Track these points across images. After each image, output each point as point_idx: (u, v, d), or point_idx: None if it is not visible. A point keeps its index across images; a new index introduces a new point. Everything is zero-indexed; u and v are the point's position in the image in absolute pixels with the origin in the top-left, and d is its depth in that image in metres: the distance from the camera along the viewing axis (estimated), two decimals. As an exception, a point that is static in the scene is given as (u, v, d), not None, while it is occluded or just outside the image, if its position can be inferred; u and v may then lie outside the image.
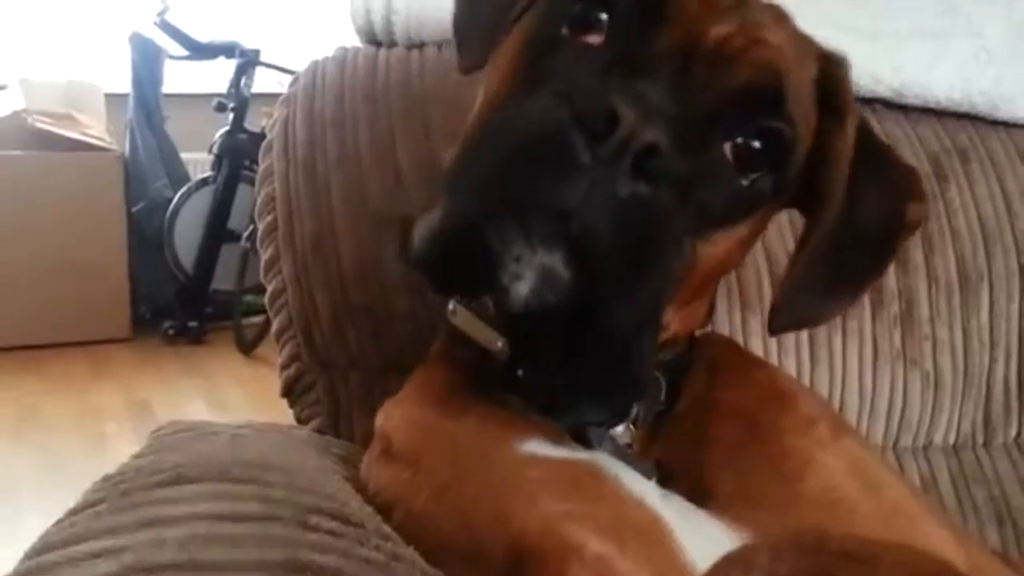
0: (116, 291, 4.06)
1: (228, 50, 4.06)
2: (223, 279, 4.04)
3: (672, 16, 0.46)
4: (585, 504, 0.44)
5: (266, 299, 0.77)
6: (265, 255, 0.78)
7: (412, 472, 0.48)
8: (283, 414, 0.84)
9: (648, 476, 0.49)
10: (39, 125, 4.00)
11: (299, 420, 0.76)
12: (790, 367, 0.78)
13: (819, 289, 0.55)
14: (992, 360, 0.81)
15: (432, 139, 0.76)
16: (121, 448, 2.84)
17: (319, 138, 0.79)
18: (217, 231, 4.04)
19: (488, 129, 0.44)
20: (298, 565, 0.35)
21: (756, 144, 0.49)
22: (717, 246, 0.51)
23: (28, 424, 3.04)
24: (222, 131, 4.07)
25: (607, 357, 0.44)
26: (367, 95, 0.80)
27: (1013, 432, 0.82)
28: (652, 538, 0.44)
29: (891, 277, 0.79)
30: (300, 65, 3.22)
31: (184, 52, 4.08)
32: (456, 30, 0.54)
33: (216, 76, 4.42)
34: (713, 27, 0.47)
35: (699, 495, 0.48)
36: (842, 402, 0.80)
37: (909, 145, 0.83)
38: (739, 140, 0.48)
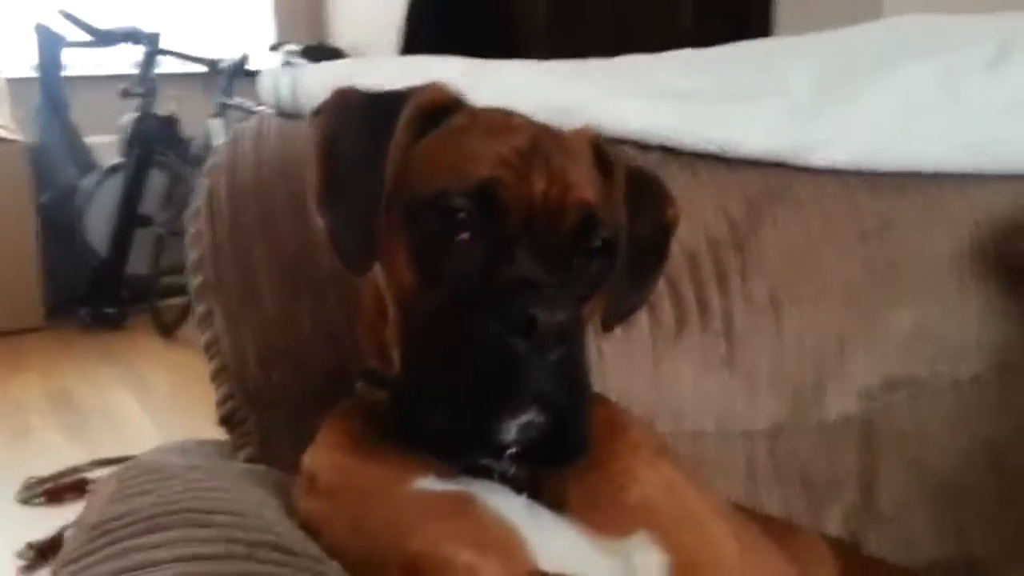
0: (27, 280, 4.07)
1: (130, 36, 4.05)
2: (137, 264, 4.08)
3: (504, 200, 0.63)
4: (458, 525, 0.60)
5: (202, 346, 0.92)
6: (199, 308, 0.92)
7: (332, 505, 0.64)
8: (205, 398, 0.97)
9: (519, 493, 0.66)
10: (-63, 116, 3.95)
11: (235, 446, 0.91)
12: (638, 375, 0.96)
13: (628, 288, 0.75)
14: (799, 362, 1.01)
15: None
16: (46, 440, 2.90)
17: (241, 205, 0.93)
18: (129, 216, 4.07)
19: (452, 348, 0.60)
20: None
21: (592, 247, 0.67)
22: (589, 311, 0.70)
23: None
24: (130, 117, 4.09)
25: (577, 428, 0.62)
26: (281, 164, 0.94)
27: (818, 416, 1.02)
28: (509, 546, 0.61)
29: (715, 298, 0.98)
30: (201, 50, 3.29)
31: (88, 38, 4.05)
32: (336, 247, 0.68)
33: (118, 58, 4.42)
34: (534, 187, 0.64)
35: (557, 504, 0.66)
36: (680, 401, 0.99)
37: (729, 188, 1.02)
38: (582, 252, 0.66)
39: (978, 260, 1.06)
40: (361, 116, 0.68)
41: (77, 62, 4.40)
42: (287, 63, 4.06)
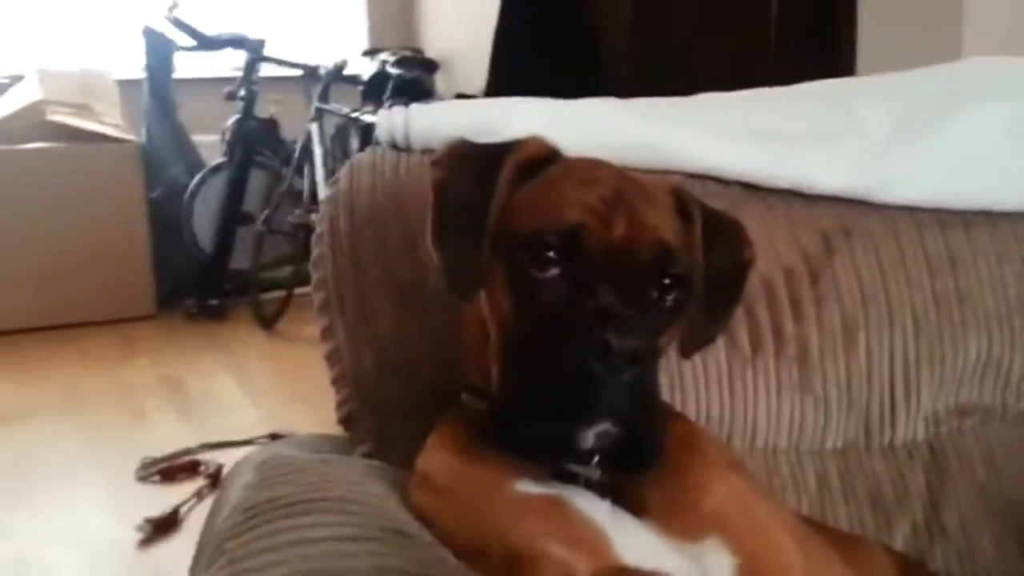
0: (140, 272, 4.36)
1: (235, 42, 4.27)
2: (240, 259, 4.30)
3: (589, 242, 0.73)
4: (552, 523, 0.70)
5: (324, 356, 1.04)
6: (322, 323, 1.04)
7: (443, 501, 0.75)
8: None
9: (603, 498, 0.76)
10: (58, 118, 4.22)
11: (352, 442, 1.03)
12: (714, 395, 1.05)
13: (705, 321, 0.83)
14: (869, 388, 1.08)
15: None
16: (160, 421, 3.12)
17: (359, 232, 1.04)
18: (232, 214, 4.29)
19: (542, 366, 0.70)
20: (393, 568, 0.62)
21: (667, 280, 0.76)
22: (667, 340, 0.79)
23: (72, 400, 3.32)
24: (233, 119, 4.31)
25: (649, 439, 0.72)
26: (395, 196, 1.05)
27: (888, 439, 1.09)
28: (596, 543, 0.71)
29: (789, 325, 1.06)
30: (300, 55, 3.48)
31: (193, 44, 4.29)
32: (449, 278, 0.78)
33: (224, 61, 4.67)
34: (615, 230, 0.73)
35: (638, 510, 0.75)
36: (755, 420, 1.07)
37: (804, 222, 1.09)
38: (658, 284, 0.75)
39: (1046, 294, 1.11)
40: (471, 166, 0.79)
41: (185, 65, 4.65)
42: (381, 72, 4.22)
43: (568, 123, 1.08)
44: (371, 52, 4.67)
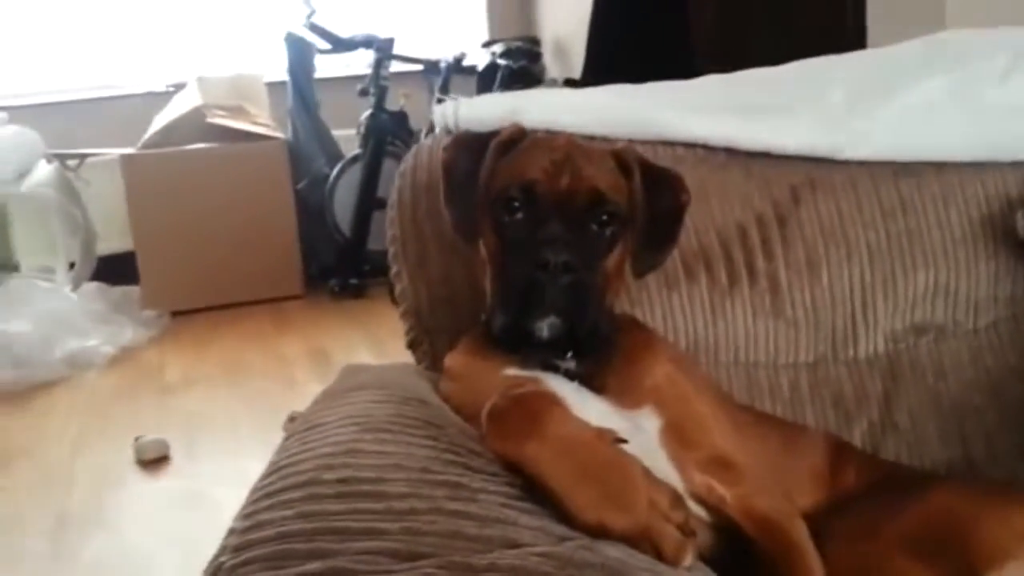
0: (289, 256, 4.82)
1: (366, 43, 4.69)
2: (377, 241, 4.70)
3: (541, 192, 1.00)
4: (526, 388, 0.99)
5: (396, 295, 1.36)
6: (393, 269, 1.37)
7: (456, 385, 1.05)
8: None
9: (572, 380, 1.04)
10: (216, 120, 4.76)
11: (417, 360, 1.35)
12: (700, 321, 1.30)
13: (651, 251, 1.08)
14: (832, 312, 1.31)
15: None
16: (308, 391, 3.53)
17: (418, 199, 1.35)
18: (368, 200, 4.68)
19: (508, 278, 0.99)
20: (407, 414, 0.92)
21: (604, 217, 1.03)
22: (611, 261, 1.05)
23: (235, 371, 3.81)
24: (367, 113, 4.74)
25: (587, 330, 0.99)
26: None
27: (851, 353, 1.32)
28: (562, 403, 0.98)
29: (761, 262, 1.30)
30: (427, 51, 3.86)
31: (329, 46, 4.74)
32: (454, 228, 1.10)
33: (359, 60, 5.10)
34: (561, 180, 1.00)
35: (599, 389, 1.02)
36: (736, 341, 1.31)
37: (775, 178, 1.33)
38: (596, 220, 1.02)
39: (988, 232, 1.31)
40: (467, 149, 1.09)
41: (324, 65, 5.11)
42: (492, 63, 4.54)
43: (578, 108, 1.36)
44: (489, 43, 5.00)
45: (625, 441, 0.84)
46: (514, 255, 1.00)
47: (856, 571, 0.95)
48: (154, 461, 2.93)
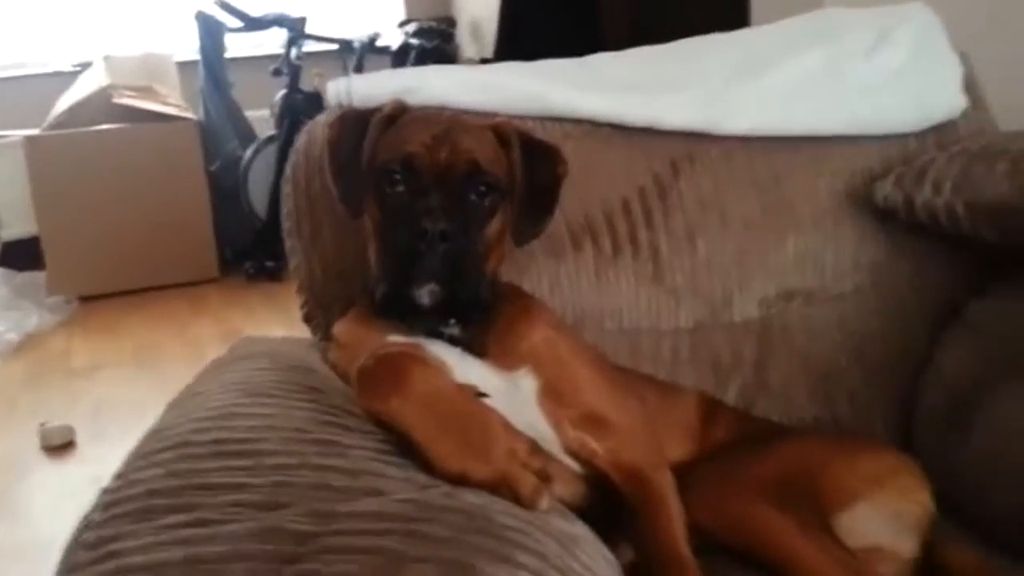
0: (203, 239, 4.76)
1: (278, 21, 4.63)
2: (292, 223, 4.67)
3: (420, 165, 1.04)
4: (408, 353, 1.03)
5: (291, 269, 1.38)
6: (288, 244, 1.39)
7: (342, 352, 1.08)
8: None
9: (455, 346, 1.08)
10: (124, 100, 4.65)
11: (312, 332, 1.37)
12: (586, 289, 1.35)
13: (531, 219, 1.11)
14: (710, 278, 1.37)
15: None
16: (221, 370, 3.54)
17: (311, 176, 1.37)
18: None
19: (390, 248, 1.01)
20: (291, 380, 0.96)
21: (482, 188, 1.07)
22: (490, 231, 1.09)
23: (146, 355, 3.76)
24: (281, 94, 4.69)
25: (467, 296, 1.03)
26: (337, 147, 1.39)
27: (728, 318, 1.39)
28: (440, 367, 1.02)
29: (643, 232, 1.36)
30: (340, 31, 3.84)
31: (240, 25, 4.67)
32: (341, 202, 1.12)
33: (272, 39, 5.04)
34: (439, 154, 1.04)
35: (481, 354, 1.06)
36: (621, 308, 1.37)
37: (656, 152, 1.39)
38: (475, 190, 1.06)
39: (854, 201, 1.39)
40: (352, 124, 1.12)
41: (236, 45, 5.04)
42: (405, 43, 4.54)
43: (470, 86, 1.39)
44: (404, 23, 4.99)
45: (486, 396, 0.88)
46: (395, 226, 1.03)
47: (716, 514, 1.02)
48: (60, 447, 2.89)
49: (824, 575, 0.97)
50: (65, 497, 2.63)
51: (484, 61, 4.38)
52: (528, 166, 1.11)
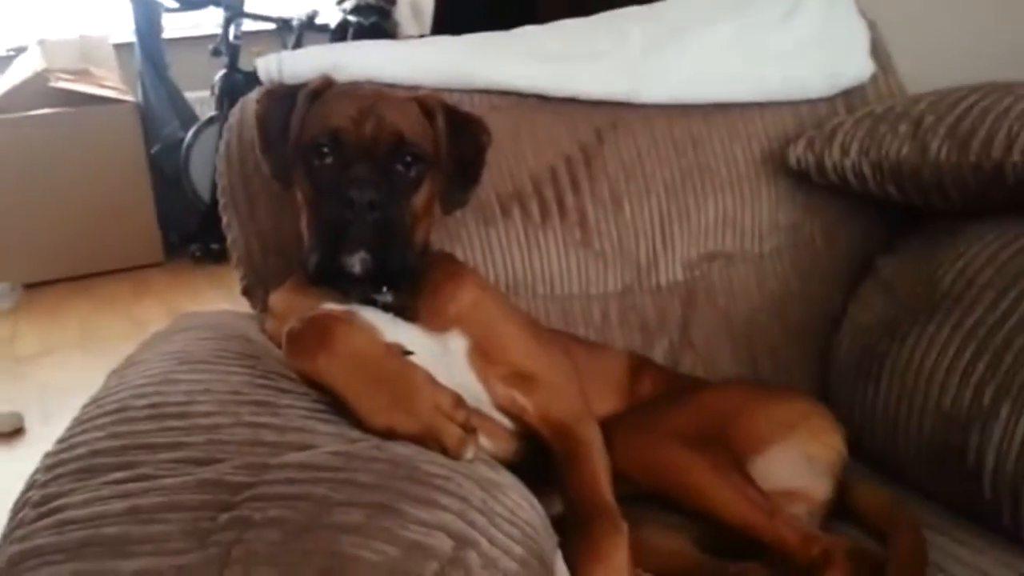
0: (146, 222, 4.75)
1: (215, 1, 4.58)
2: (237, 204, 4.65)
3: (347, 139, 1.07)
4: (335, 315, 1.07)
5: (228, 244, 1.41)
6: (224, 219, 1.42)
7: (277, 322, 1.12)
8: None
9: (387, 312, 1.12)
10: (60, 84, 4.59)
11: (251, 306, 1.41)
12: (517, 255, 1.40)
13: (457, 188, 1.16)
14: (636, 243, 1.43)
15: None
16: (167, 351, 3.54)
17: (245, 152, 1.40)
18: (226, 163, 4.63)
19: (320, 219, 1.05)
20: (231, 349, 1.00)
21: (408, 159, 1.11)
22: (418, 200, 1.13)
23: (90, 338, 3.76)
24: (220, 74, 4.65)
25: (396, 264, 1.07)
26: (270, 123, 1.41)
27: (654, 281, 1.45)
28: (351, 322, 1.06)
29: (570, 198, 1.41)
30: (278, 9, 3.81)
31: (176, 5, 4.62)
32: (272, 175, 1.15)
33: (210, 19, 4.99)
34: (365, 127, 1.07)
35: (412, 318, 1.11)
36: (550, 273, 1.42)
37: (581, 121, 1.44)
38: (401, 161, 1.10)
39: (769, 165, 1.46)
40: (280, 100, 1.15)
41: (173, 25, 4.98)
42: (343, 20, 4.53)
43: (398, 60, 1.43)
44: (342, 0, 4.97)
45: (412, 353, 0.93)
46: (324, 197, 1.07)
47: (639, 460, 1.08)
48: (9, 434, 2.89)
49: (739, 515, 1.04)
50: (18, 482, 2.61)
51: (422, 37, 4.39)
52: (453, 137, 1.15)
